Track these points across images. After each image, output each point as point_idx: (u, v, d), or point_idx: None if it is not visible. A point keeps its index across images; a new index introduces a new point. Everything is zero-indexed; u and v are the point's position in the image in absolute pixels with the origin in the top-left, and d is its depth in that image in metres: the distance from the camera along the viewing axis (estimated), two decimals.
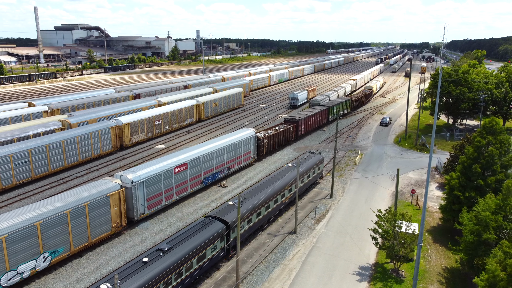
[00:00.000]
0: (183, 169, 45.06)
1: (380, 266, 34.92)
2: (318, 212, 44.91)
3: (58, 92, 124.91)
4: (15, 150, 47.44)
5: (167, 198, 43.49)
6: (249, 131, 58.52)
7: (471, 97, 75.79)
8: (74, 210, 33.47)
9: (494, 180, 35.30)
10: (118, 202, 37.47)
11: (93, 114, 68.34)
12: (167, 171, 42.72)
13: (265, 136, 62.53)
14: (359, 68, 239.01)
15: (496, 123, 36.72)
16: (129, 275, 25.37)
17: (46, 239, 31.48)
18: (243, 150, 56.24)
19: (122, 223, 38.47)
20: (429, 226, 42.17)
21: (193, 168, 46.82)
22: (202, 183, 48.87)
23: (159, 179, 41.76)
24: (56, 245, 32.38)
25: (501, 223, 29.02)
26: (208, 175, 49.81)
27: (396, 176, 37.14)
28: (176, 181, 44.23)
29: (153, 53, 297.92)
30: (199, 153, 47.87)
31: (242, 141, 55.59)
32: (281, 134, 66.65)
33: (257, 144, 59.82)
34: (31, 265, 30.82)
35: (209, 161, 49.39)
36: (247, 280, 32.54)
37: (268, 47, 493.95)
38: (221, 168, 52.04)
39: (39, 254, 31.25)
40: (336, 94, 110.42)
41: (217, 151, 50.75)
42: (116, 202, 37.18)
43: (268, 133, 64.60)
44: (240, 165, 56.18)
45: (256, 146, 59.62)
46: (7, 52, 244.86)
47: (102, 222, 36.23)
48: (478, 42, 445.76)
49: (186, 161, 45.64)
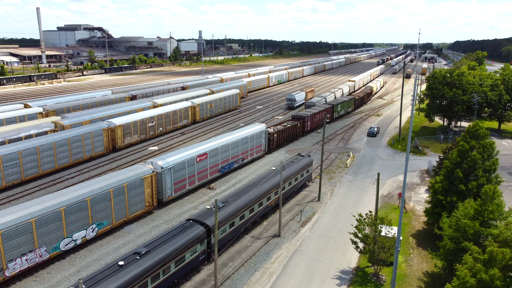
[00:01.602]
0: (203, 158, 50.69)
1: (361, 270, 34.96)
2: (304, 215, 44.99)
3: (57, 93, 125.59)
4: (4, 152, 47.84)
5: (190, 183, 49.00)
6: (260, 126, 63.78)
7: (465, 100, 75.56)
8: (116, 189, 38.81)
9: (476, 185, 35.24)
10: (151, 185, 42.87)
11: (86, 115, 68.72)
12: (190, 159, 48.33)
13: (275, 131, 67.76)
14: (360, 69, 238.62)
15: (480, 127, 36.69)
16: (103, 279, 25.57)
17: (94, 212, 36.96)
18: (255, 143, 61.73)
19: (153, 203, 43.84)
20: (414, 230, 42.16)
21: (212, 157, 52.38)
22: (219, 171, 54.52)
23: (184, 166, 47.27)
24: (101, 218, 37.84)
25: (478, 229, 28.99)
26: (225, 164, 55.40)
27: (377, 180, 37.14)
28: (197, 168, 49.83)
29: (155, 53, 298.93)
30: (217, 145, 53.54)
31: (255, 135, 61.16)
32: (289, 129, 71.84)
33: (267, 138, 65.31)
34: (82, 234, 36.33)
35: (226, 152, 54.83)
36: (227, 283, 32.68)
37: (270, 48, 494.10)
38: (236, 158, 57.51)
39: (89, 225, 36.75)
40: (333, 96, 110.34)
41: (233, 143, 56.18)
42: (149, 184, 42.58)
43: (278, 128, 69.68)
44: (252, 157, 61.69)
45: (267, 140, 65.11)
46: (9, 52, 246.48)
47: (137, 201, 41.66)
48: (481, 43, 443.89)
49: (207, 151, 51.29)
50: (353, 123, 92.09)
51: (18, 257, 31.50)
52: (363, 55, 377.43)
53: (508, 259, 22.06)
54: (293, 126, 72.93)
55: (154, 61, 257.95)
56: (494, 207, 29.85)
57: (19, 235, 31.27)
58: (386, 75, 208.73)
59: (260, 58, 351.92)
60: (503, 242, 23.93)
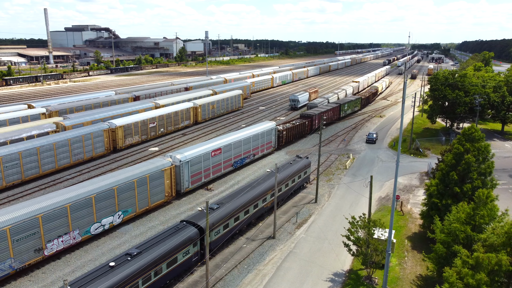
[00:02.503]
0: (218, 153, 53.73)
1: (354, 273, 34.95)
2: (300, 217, 45.03)
3: (63, 93, 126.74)
4: (5, 152, 48.46)
5: (205, 176, 52.12)
6: (271, 124, 66.71)
7: (468, 101, 75.04)
8: (139, 180, 42.00)
9: (471, 188, 35.08)
10: (170, 176, 45.90)
11: (88, 116, 69.34)
12: (206, 153, 51.44)
13: (284, 128, 71.05)
14: (365, 70, 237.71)
15: (475, 130, 36.51)
16: (93, 280, 25.86)
17: (120, 200, 40.10)
18: (266, 140, 64.80)
19: (172, 194, 47.09)
20: (410, 233, 42.03)
21: (226, 152, 55.30)
22: (232, 165, 57.46)
23: (200, 160, 50.42)
24: (126, 206, 41.02)
25: (470, 234, 28.86)
26: (238, 159, 58.39)
27: (370, 183, 37.09)
28: (212, 162, 52.85)
29: (161, 54, 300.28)
30: (230, 140, 56.37)
31: (265, 132, 64.19)
32: (297, 127, 74.96)
33: (277, 135, 68.17)
34: (109, 220, 39.39)
35: (238, 148, 57.85)
36: (219, 285, 32.86)
37: (276, 48, 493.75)
38: (247, 154, 60.48)
39: (115, 212, 39.88)
40: (336, 97, 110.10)
41: (245, 139, 59.12)
42: (168, 176, 45.60)
43: (287, 126, 73.01)
44: (263, 153, 64.80)
45: (276, 137, 67.94)
46: (17, 53, 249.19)
47: (158, 191, 44.76)
48: (489, 43, 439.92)
49: (221, 147, 54.22)
50: (355, 124, 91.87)
51: (55, 238, 34.83)
52: (369, 55, 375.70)
53: (493, 264, 21.97)
54: (301, 124, 75.97)
55: (160, 61, 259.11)
56: (486, 211, 29.72)
57: (56, 219, 34.58)
58: (391, 75, 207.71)
59: (266, 59, 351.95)
60: (489, 247, 23.84)
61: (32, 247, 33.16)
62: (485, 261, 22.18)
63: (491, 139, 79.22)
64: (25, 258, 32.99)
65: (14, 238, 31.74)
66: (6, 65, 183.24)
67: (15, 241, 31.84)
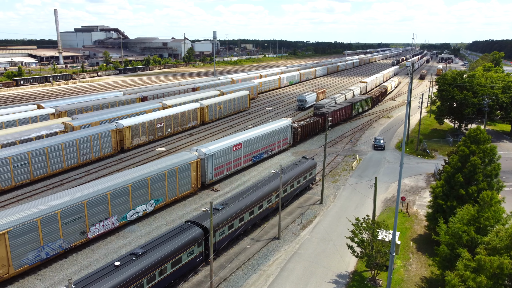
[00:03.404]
0: (238, 148, 56.97)
1: (358, 274, 34.96)
2: (305, 218, 45.10)
3: (72, 93, 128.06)
4: (14, 152, 49.22)
5: (227, 169, 55.41)
6: (286, 121, 69.74)
7: (476, 102, 74.44)
8: (169, 171, 45.32)
9: (476, 190, 34.88)
10: (196, 169, 49.29)
11: (96, 116, 70.06)
12: (228, 148, 54.75)
13: (299, 126, 73.99)
14: (373, 70, 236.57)
15: (480, 132, 36.29)
16: (98, 279, 26.23)
17: (152, 190, 43.51)
18: (282, 136, 68.07)
19: (198, 185, 50.38)
20: (416, 234, 41.88)
21: (246, 147, 58.59)
22: (251, 160, 60.79)
23: (222, 154, 53.70)
24: (157, 195, 44.43)
25: (474, 236, 28.73)
26: (256, 154, 61.61)
27: (374, 185, 37.04)
28: (233, 156, 56.12)
29: (169, 54, 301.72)
30: (250, 136, 59.75)
31: (282, 129, 67.50)
32: (311, 125, 78.04)
33: (292, 132, 71.25)
34: (143, 207, 42.97)
35: (257, 143, 61.15)
36: (223, 285, 33.09)
37: (284, 48, 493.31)
38: (265, 149, 63.73)
39: (148, 200, 43.34)
40: (343, 97, 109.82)
41: (263, 135, 62.46)
42: (194, 168, 49.00)
43: (301, 124, 75.71)
44: (279, 148, 68.01)
45: (292, 133, 71.11)
46: (28, 53, 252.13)
47: (185, 183, 48.16)
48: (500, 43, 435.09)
49: (241, 142, 57.44)
50: (362, 125, 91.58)
51: (97, 223, 38.19)
52: (378, 55, 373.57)
53: (495, 267, 21.87)
54: (315, 121, 79.16)
55: (168, 62, 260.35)
56: (491, 213, 29.56)
57: (98, 205, 37.93)
58: (400, 75, 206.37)
59: (274, 59, 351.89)
60: (492, 250, 23.73)
61: (78, 230, 36.62)
62: (487, 264, 22.10)
63: (500, 140, 78.48)
64: (72, 240, 36.42)
65: (64, 221, 35.16)
66: (17, 65, 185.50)
67: (64, 223, 35.23)
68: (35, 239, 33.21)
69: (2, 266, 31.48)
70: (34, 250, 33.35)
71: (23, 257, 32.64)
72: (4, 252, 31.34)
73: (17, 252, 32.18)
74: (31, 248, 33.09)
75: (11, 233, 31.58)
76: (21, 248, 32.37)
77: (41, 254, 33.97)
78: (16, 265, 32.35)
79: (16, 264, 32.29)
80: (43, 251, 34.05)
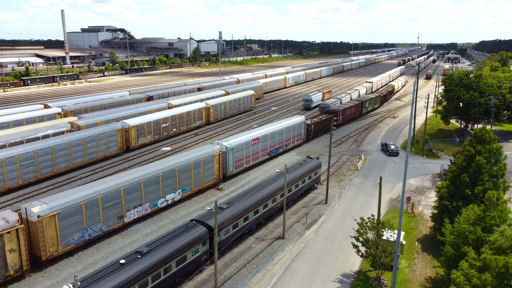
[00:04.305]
0: (256, 142, 60.13)
1: (363, 274, 34.90)
2: (310, 217, 45.08)
3: (78, 93, 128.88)
4: (21, 151, 49.66)
5: (246, 162, 58.49)
6: (300, 118, 73.08)
7: (482, 102, 73.96)
8: (195, 163, 48.66)
9: (482, 190, 34.69)
10: (218, 161, 52.34)
11: (102, 116, 70.46)
12: (247, 142, 57.82)
13: (312, 122, 76.96)
14: (379, 70, 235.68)
15: (486, 132, 36.09)
16: (104, 276, 26.42)
17: (180, 180, 46.63)
18: (296, 132, 71.05)
19: (220, 177, 53.41)
20: (421, 235, 41.72)
21: (263, 142, 61.79)
22: (268, 154, 63.75)
23: (242, 148, 56.79)
24: (184, 185, 47.62)
25: (480, 235, 28.60)
26: (272, 149, 64.57)
27: (379, 184, 36.96)
28: (252, 150, 59.27)
29: (175, 54, 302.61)
30: (267, 132, 62.94)
31: (296, 125, 70.53)
32: (324, 122, 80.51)
33: (306, 128, 74.35)
34: (172, 196, 46.04)
35: (273, 138, 64.27)
36: (228, 284, 33.18)
37: (290, 48, 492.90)
38: (281, 144, 66.76)
39: (176, 189, 46.48)
40: (349, 97, 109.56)
41: (279, 131, 65.50)
42: (217, 160, 52.10)
43: (314, 121, 78.59)
44: (294, 144, 70.92)
45: (305, 130, 74.09)
46: (35, 54, 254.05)
47: (209, 174, 51.38)
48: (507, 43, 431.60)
49: (259, 137, 60.62)
50: (368, 125, 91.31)
51: (132, 209, 41.27)
52: (384, 55, 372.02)
53: (501, 266, 21.76)
54: (327, 119, 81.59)
55: (174, 62, 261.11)
56: (497, 213, 29.42)
57: (134, 192, 41.14)
58: (406, 75, 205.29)
59: (279, 59, 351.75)
60: (498, 249, 23.60)
61: (116, 214, 39.62)
62: (493, 263, 21.99)
63: (507, 141, 77.93)
64: (111, 223, 39.42)
65: (104, 205, 38.17)
66: (24, 65, 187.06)
67: (104, 208, 38.21)
68: (79, 221, 36.34)
69: (53, 244, 34.69)
70: (79, 232, 36.49)
71: (69, 237, 35.77)
72: (54, 232, 34.56)
73: (65, 232, 35.29)
74: (76, 230, 36.23)
75: (60, 215, 34.71)
76: (68, 229, 35.49)
77: (84, 235, 37.10)
78: (64, 244, 35.50)
79: (64, 243, 35.45)
80: (86, 233, 37.18)
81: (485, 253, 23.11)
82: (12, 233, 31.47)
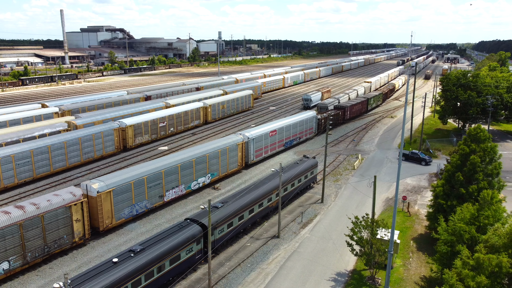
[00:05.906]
0: (274, 134, 64.76)
1: (357, 273, 34.87)
2: (306, 216, 45.05)
3: (76, 93, 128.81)
4: (17, 150, 49.61)
5: (265, 152, 63.15)
6: (312, 113, 77.94)
7: (480, 102, 73.92)
8: (222, 150, 53.48)
9: (476, 189, 34.66)
10: (241, 150, 57.48)
11: (99, 115, 70.40)
12: (266, 133, 62.63)
13: (322, 117, 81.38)
14: (378, 70, 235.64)
15: (480, 130, 36.07)
16: (97, 275, 26.37)
17: (210, 165, 51.65)
18: (308, 126, 76.12)
19: (243, 164, 58.69)
20: (416, 234, 41.69)
21: (280, 134, 66.44)
22: (284, 145, 68.45)
23: (261, 139, 61.64)
24: (213, 170, 52.52)
25: (474, 234, 28.56)
26: (287, 141, 69.31)
27: (373, 183, 36.93)
28: (270, 141, 64.06)
29: (174, 54, 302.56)
30: (283, 124, 67.76)
31: (308, 119, 75.59)
32: (334, 116, 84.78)
33: (317, 122, 78.89)
34: (203, 179, 50.95)
35: (288, 131, 68.97)
36: (222, 283, 33.13)
37: (290, 48, 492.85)
38: (295, 137, 71.59)
39: (206, 174, 51.41)
40: (347, 97, 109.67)
41: (294, 124, 70.51)
42: (240, 149, 57.24)
43: (324, 116, 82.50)
44: (306, 137, 76.07)
45: (317, 124, 78.73)
46: (34, 53, 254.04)
47: (233, 161, 56.22)
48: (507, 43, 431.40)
49: (276, 129, 65.31)
50: (365, 124, 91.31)
51: (170, 189, 46.09)
52: (383, 55, 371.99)
53: (494, 265, 21.71)
54: (336, 114, 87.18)
55: (173, 62, 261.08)
56: (491, 212, 29.39)
57: (172, 174, 45.83)
58: (405, 75, 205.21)
59: (279, 59, 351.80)
60: (491, 248, 23.56)
61: (157, 194, 44.35)
62: (486, 262, 21.94)
63: (504, 140, 77.93)
64: (153, 201, 44.16)
65: (148, 185, 42.86)
66: (23, 65, 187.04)
67: (149, 187, 42.95)
68: (129, 198, 41.08)
69: (108, 217, 39.38)
70: (129, 207, 41.29)
71: (121, 212, 40.51)
72: (109, 206, 39.25)
73: (117, 207, 40.02)
74: (127, 205, 41.02)
75: (115, 191, 39.40)
76: (120, 204, 40.20)
77: (133, 210, 41.83)
78: (117, 217, 40.22)
79: (116, 216, 40.17)
80: (134, 209, 41.92)
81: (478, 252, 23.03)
82: (78, 205, 36.32)
